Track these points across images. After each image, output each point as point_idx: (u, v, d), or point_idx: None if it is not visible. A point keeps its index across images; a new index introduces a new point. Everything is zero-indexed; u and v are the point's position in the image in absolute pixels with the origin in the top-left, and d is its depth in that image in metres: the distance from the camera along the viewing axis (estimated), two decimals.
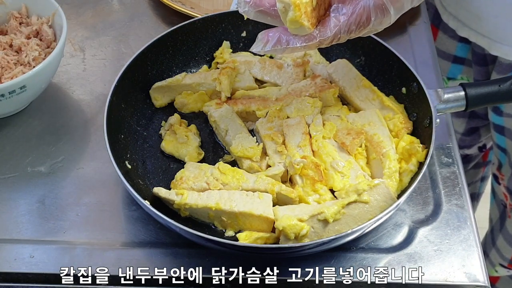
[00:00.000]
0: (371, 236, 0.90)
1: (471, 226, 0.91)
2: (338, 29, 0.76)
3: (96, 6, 1.32)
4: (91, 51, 1.21)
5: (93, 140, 1.04)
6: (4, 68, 1.03)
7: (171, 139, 1.00)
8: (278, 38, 0.79)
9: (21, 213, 0.93)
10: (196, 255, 0.87)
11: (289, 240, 0.83)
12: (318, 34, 0.77)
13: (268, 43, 0.80)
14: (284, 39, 0.79)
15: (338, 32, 0.76)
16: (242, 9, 0.80)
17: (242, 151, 0.96)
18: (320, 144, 0.94)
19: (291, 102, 1.01)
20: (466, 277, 0.85)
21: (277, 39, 0.79)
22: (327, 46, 0.80)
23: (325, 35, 0.77)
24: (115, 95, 0.97)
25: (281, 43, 0.79)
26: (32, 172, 0.99)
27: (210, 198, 0.87)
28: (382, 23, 0.77)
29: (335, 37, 0.77)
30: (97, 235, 0.90)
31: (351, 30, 0.76)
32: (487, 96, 0.96)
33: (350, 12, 0.75)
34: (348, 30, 0.76)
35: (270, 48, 0.80)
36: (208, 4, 1.30)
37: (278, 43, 0.79)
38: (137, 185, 0.91)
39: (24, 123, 1.07)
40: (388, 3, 0.74)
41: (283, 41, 0.79)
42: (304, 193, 0.90)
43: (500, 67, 1.25)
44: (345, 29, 0.76)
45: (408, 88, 1.01)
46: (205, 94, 1.06)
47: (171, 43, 1.08)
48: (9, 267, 0.86)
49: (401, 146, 0.93)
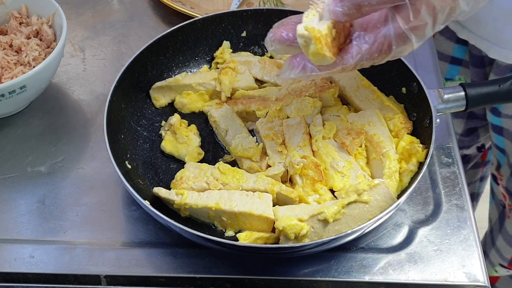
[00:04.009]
0: (371, 236, 0.90)
1: (471, 226, 0.91)
2: (361, 57, 0.76)
3: (96, 6, 1.32)
4: (91, 51, 1.21)
5: (93, 140, 1.04)
6: (4, 68, 1.03)
7: (171, 139, 1.00)
8: (303, 65, 0.80)
9: (21, 213, 0.93)
10: (196, 255, 0.87)
11: (289, 240, 0.83)
12: (340, 61, 0.78)
13: (294, 70, 0.81)
14: (308, 67, 0.80)
15: (361, 59, 0.76)
16: (270, 48, 0.82)
17: (242, 151, 0.96)
18: (320, 144, 0.94)
19: (291, 102, 1.01)
20: (466, 277, 0.85)
21: (302, 66, 0.80)
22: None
23: (348, 62, 0.77)
24: (115, 95, 0.97)
25: (306, 71, 0.80)
26: (32, 172, 0.99)
27: (210, 198, 0.87)
28: (404, 51, 0.77)
29: (358, 64, 0.77)
30: (97, 235, 0.90)
31: (373, 57, 0.76)
32: (487, 96, 0.96)
33: (372, 41, 0.75)
34: (370, 58, 0.76)
35: (296, 75, 0.81)
36: (208, 4, 1.30)
37: (303, 71, 0.80)
38: (137, 185, 0.91)
39: (24, 123, 1.07)
40: (408, 31, 0.74)
41: (307, 69, 0.80)
42: (304, 193, 0.90)
43: (497, 69, 1.25)
44: (367, 56, 0.76)
45: (408, 88, 1.01)
46: (205, 94, 1.06)
47: (171, 43, 1.08)
48: (9, 267, 0.86)
49: (401, 146, 0.93)
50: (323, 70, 0.79)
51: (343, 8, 0.73)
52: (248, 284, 0.85)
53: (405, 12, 0.73)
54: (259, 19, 1.12)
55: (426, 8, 0.72)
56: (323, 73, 0.79)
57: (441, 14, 0.73)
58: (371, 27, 0.76)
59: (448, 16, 0.74)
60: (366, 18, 0.77)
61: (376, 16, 0.77)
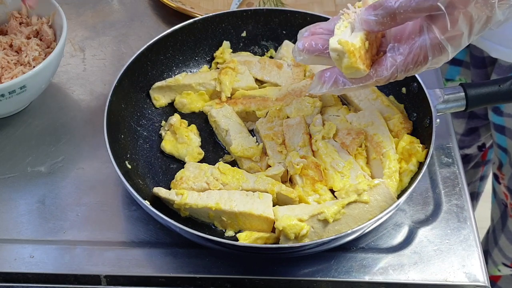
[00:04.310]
0: (371, 236, 0.90)
1: (471, 226, 0.91)
2: (395, 69, 0.75)
3: (96, 6, 1.32)
4: (91, 51, 1.21)
5: (93, 140, 1.04)
6: (4, 68, 1.03)
7: (171, 139, 1.00)
8: (335, 79, 0.79)
9: (21, 213, 0.93)
10: (196, 255, 0.87)
11: (289, 240, 0.83)
12: (374, 74, 0.76)
13: (325, 84, 0.80)
14: (340, 81, 0.79)
15: (395, 71, 0.75)
16: (298, 58, 0.81)
17: (242, 151, 0.96)
18: (320, 144, 0.94)
19: (291, 102, 1.01)
20: (466, 277, 0.85)
21: (333, 80, 0.79)
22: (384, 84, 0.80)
23: (382, 75, 0.76)
24: (115, 95, 0.97)
25: (337, 85, 0.79)
26: (32, 172, 0.99)
27: (210, 198, 0.87)
28: (439, 61, 0.76)
29: (392, 76, 0.76)
30: (97, 235, 0.90)
31: (408, 69, 0.75)
32: (487, 96, 0.96)
33: (407, 52, 0.74)
34: (405, 70, 0.75)
35: (327, 89, 0.80)
36: (208, 4, 1.30)
37: (335, 85, 0.79)
38: (137, 185, 0.91)
39: (24, 123, 1.07)
40: (445, 41, 0.73)
41: (339, 83, 0.79)
42: (304, 193, 0.90)
43: (500, 69, 1.25)
44: (401, 68, 0.75)
45: (408, 88, 1.01)
46: (205, 94, 1.06)
47: (171, 43, 1.08)
48: (9, 267, 0.86)
49: (401, 146, 0.93)
50: (356, 83, 0.78)
51: (377, 17, 0.72)
52: (248, 284, 0.85)
53: (442, 22, 0.71)
54: (259, 19, 1.12)
55: (464, 18, 0.71)
56: (356, 86, 0.78)
57: (478, 24, 0.72)
58: (405, 38, 0.75)
59: (484, 25, 0.73)
60: (399, 29, 0.76)
61: (409, 26, 0.75)
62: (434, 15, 0.72)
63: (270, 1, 1.32)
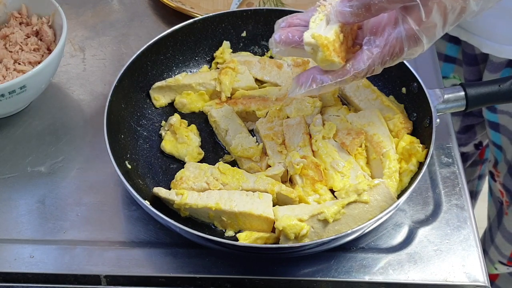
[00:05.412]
0: (371, 236, 0.90)
1: (471, 226, 0.91)
2: (372, 62, 0.76)
3: (96, 6, 1.32)
4: (91, 51, 1.21)
5: (93, 140, 1.04)
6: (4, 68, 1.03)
7: (171, 139, 1.00)
8: (312, 78, 0.79)
9: (21, 213, 0.93)
10: (196, 255, 0.87)
11: (289, 240, 0.83)
12: (351, 68, 0.77)
13: (303, 85, 0.80)
14: (318, 79, 0.79)
15: (372, 64, 0.76)
16: (275, 50, 0.81)
17: (242, 151, 0.96)
18: (320, 144, 0.94)
19: (291, 102, 1.01)
20: (466, 277, 0.85)
21: (311, 80, 0.79)
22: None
23: (359, 68, 0.76)
24: (115, 95, 0.97)
25: (316, 82, 0.79)
26: (32, 172, 0.99)
27: (210, 198, 0.87)
28: (415, 53, 0.76)
29: (369, 69, 0.77)
30: (97, 235, 0.90)
31: (385, 61, 0.76)
32: (487, 96, 0.96)
33: (383, 44, 0.75)
34: (382, 62, 0.76)
35: (306, 89, 0.80)
36: (208, 4, 1.30)
37: (313, 83, 0.79)
38: (137, 185, 0.91)
39: (24, 123, 1.07)
40: (420, 32, 0.73)
41: (317, 81, 0.79)
42: (304, 193, 0.90)
43: (491, 66, 1.25)
44: (378, 61, 0.76)
45: (408, 88, 1.01)
46: (205, 94, 1.06)
47: (171, 43, 1.08)
48: (9, 267, 0.86)
49: (401, 146, 0.93)
50: (334, 79, 0.78)
51: (352, 8, 0.72)
52: (248, 284, 0.86)
53: (417, 13, 0.72)
54: (259, 19, 1.12)
55: (438, 8, 0.72)
56: (334, 82, 0.78)
57: (452, 14, 0.73)
58: (380, 30, 0.76)
59: (458, 16, 0.74)
60: (374, 21, 0.77)
61: (384, 19, 0.76)
62: (409, 6, 0.72)
63: (270, 1, 1.32)
